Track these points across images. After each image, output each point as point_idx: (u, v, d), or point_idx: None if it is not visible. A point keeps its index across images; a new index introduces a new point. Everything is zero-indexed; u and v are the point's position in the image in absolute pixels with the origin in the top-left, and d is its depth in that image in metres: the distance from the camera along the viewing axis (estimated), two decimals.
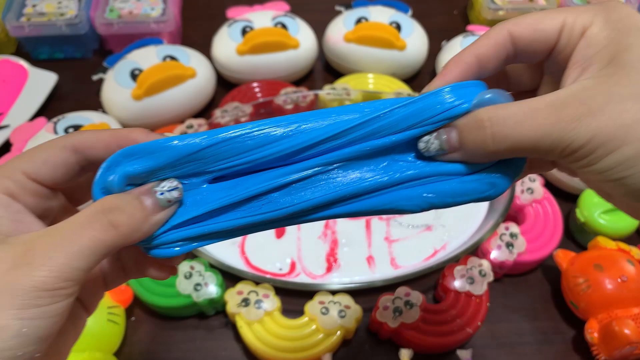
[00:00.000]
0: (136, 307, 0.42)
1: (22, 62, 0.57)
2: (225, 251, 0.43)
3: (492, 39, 0.19)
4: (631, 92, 0.16)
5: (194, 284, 0.39)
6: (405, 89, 0.55)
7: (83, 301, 0.20)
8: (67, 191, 0.21)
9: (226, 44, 0.55)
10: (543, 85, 0.20)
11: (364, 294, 0.40)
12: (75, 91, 0.58)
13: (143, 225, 0.18)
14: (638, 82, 0.16)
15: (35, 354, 0.16)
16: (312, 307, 0.39)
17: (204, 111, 0.56)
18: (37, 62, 0.58)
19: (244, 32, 0.55)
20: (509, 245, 0.42)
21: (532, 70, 0.21)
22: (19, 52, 0.61)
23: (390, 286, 0.40)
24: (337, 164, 0.19)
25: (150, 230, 0.18)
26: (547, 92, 0.17)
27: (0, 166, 0.18)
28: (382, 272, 0.42)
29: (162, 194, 0.18)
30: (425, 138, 0.18)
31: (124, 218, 0.17)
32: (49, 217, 0.20)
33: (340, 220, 0.45)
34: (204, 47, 0.58)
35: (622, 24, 0.17)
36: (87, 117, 0.49)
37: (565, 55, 0.18)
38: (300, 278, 0.42)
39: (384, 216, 0.45)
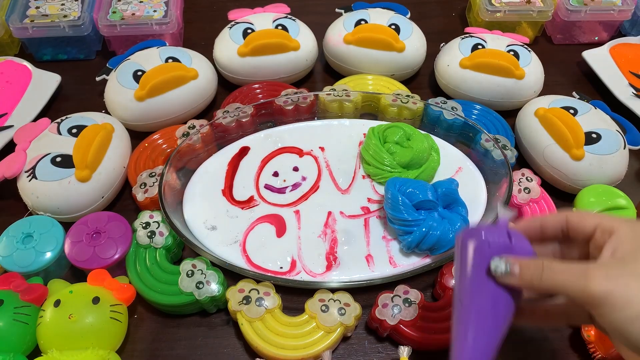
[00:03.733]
0: (139, 305, 0.42)
1: (26, 63, 0.57)
2: (226, 250, 0.44)
3: (556, 217, 0.29)
4: (637, 273, 0.24)
5: (196, 282, 0.40)
6: (404, 90, 0.55)
7: None
8: None
9: (227, 45, 0.56)
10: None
11: (363, 291, 0.41)
12: (79, 92, 0.59)
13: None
14: None
15: None
16: (312, 304, 0.39)
17: (206, 112, 0.56)
18: (40, 63, 0.59)
19: (245, 34, 0.56)
20: None
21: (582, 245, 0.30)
22: (23, 53, 0.62)
23: (389, 284, 0.41)
24: None
25: None
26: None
27: None
28: (381, 270, 0.43)
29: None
30: (497, 261, 0.27)
31: None
32: None
33: (339, 220, 0.46)
34: (206, 48, 0.58)
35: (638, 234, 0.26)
36: (90, 118, 0.49)
37: (598, 244, 0.27)
38: (300, 276, 0.42)
39: (382, 215, 0.46)
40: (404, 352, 0.38)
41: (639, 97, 0.56)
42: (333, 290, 0.40)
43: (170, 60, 0.53)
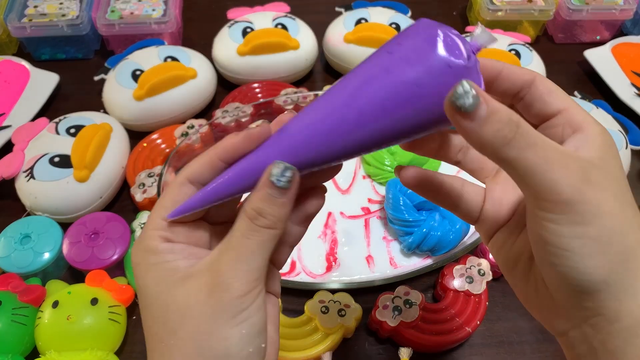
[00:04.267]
0: (137, 306, 0.42)
1: (24, 63, 0.57)
2: None
3: (524, 74, 0.21)
4: (613, 195, 0.18)
5: None
6: None
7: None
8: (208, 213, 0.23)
9: (227, 44, 0.56)
10: None
11: (364, 293, 0.41)
12: (77, 92, 0.58)
13: (284, 212, 0.20)
14: (617, 189, 0.19)
15: (261, 345, 0.20)
16: (312, 306, 0.39)
17: (205, 111, 0.56)
18: (38, 63, 0.59)
19: (244, 33, 0.56)
20: None
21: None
22: (21, 52, 0.62)
23: (389, 285, 0.40)
24: None
25: (290, 209, 0.20)
26: None
27: (147, 223, 0.21)
28: (381, 271, 0.42)
29: (279, 181, 0.19)
30: (467, 87, 0.17)
31: (269, 220, 0.20)
32: (203, 241, 0.22)
33: (339, 220, 0.46)
34: (205, 47, 0.58)
35: (608, 138, 0.20)
36: (88, 118, 0.49)
37: (556, 133, 0.20)
38: (300, 277, 0.42)
39: (383, 215, 0.46)
40: (405, 353, 0.38)
41: None
42: (333, 292, 0.40)
43: (169, 60, 0.53)
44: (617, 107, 0.55)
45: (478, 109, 0.17)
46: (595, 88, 0.60)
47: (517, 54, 0.55)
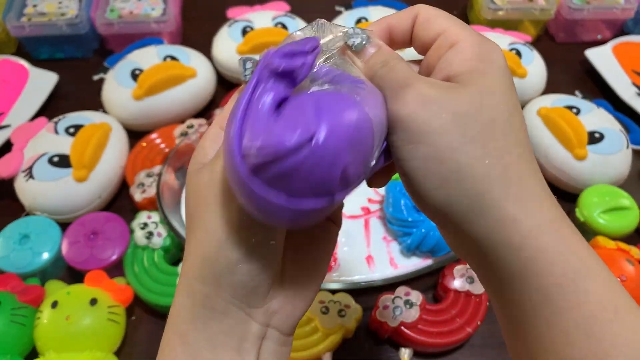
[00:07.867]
0: (136, 306, 0.42)
1: (23, 62, 0.57)
2: None
3: (406, 15, 0.22)
4: (453, 114, 0.18)
5: None
6: None
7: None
8: None
9: (226, 44, 0.55)
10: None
11: (364, 293, 0.41)
12: (76, 91, 0.58)
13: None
14: (468, 101, 0.18)
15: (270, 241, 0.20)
16: (312, 306, 0.39)
17: (205, 111, 0.56)
18: (37, 62, 0.59)
19: (244, 32, 0.56)
20: None
21: None
22: (20, 52, 0.61)
23: (390, 285, 0.40)
24: None
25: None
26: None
27: (196, 153, 0.23)
28: (381, 271, 0.42)
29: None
30: (358, 31, 0.21)
31: None
32: None
33: None
34: (205, 47, 0.58)
35: (486, 50, 0.19)
36: (87, 117, 0.49)
37: (432, 57, 0.21)
38: None
39: (382, 215, 0.46)
40: (405, 354, 0.37)
41: None
42: (333, 292, 0.40)
43: (168, 59, 0.53)
44: (618, 106, 0.55)
45: (368, 46, 0.21)
46: (597, 87, 0.60)
47: (518, 54, 0.55)
